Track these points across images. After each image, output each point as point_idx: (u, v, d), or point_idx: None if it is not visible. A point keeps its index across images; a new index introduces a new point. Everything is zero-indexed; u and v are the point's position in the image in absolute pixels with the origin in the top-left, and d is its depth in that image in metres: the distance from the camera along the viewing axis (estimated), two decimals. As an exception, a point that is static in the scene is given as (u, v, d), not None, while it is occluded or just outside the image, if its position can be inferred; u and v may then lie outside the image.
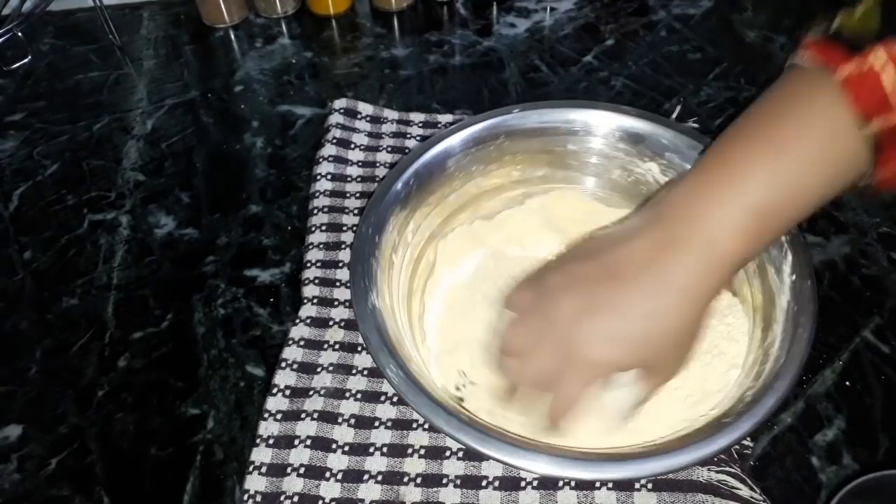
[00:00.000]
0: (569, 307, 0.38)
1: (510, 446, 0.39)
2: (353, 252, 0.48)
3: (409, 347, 0.46)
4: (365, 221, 0.49)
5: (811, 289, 0.45)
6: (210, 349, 0.52)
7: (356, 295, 0.46)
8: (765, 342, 0.46)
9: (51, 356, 0.53)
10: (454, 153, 0.54)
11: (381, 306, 0.46)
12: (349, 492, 0.44)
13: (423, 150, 0.53)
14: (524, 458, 0.39)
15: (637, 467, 0.39)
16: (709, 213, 0.36)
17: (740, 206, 0.36)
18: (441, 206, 0.55)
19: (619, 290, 0.38)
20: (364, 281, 0.46)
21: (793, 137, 0.35)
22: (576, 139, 0.56)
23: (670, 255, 0.37)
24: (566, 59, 0.74)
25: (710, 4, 0.80)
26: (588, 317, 0.38)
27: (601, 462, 0.39)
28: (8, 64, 0.75)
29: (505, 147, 0.55)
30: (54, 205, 0.63)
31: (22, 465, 0.47)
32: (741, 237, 0.36)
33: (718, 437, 0.39)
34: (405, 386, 0.41)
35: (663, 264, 0.37)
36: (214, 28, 0.79)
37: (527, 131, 0.55)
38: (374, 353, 0.43)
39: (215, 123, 0.69)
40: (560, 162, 0.57)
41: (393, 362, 0.42)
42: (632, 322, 0.38)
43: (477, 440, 0.39)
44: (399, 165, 0.53)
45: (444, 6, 0.80)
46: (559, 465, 0.39)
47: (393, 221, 0.51)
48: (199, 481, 0.46)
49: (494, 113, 0.55)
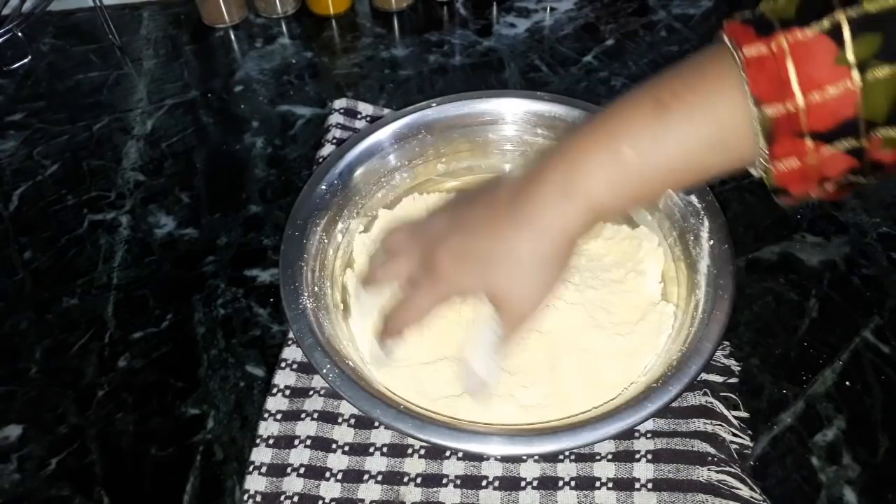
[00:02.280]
0: (442, 225, 0.43)
1: (448, 430, 0.41)
2: (282, 256, 0.49)
3: (344, 344, 0.48)
4: (290, 225, 0.50)
5: (728, 252, 0.48)
6: (210, 349, 0.52)
7: (287, 298, 0.47)
8: (689, 307, 0.48)
9: (51, 356, 0.53)
10: (377, 151, 0.56)
11: (314, 307, 0.47)
12: (349, 492, 0.44)
13: (345, 151, 0.54)
14: (471, 442, 0.41)
15: (570, 439, 0.41)
16: (583, 156, 0.37)
17: (612, 157, 0.36)
18: (369, 203, 0.56)
19: (482, 215, 0.41)
20: (293, 284, 0.47)
21: (683, 103, 0.35)
22: (494, 128, 0.57)
23: (534, 187, 0.38)
24: (566, 59, 0.74)
25: (710, 4, 0.79)
26: (450, 235, 0.42)
27: (534, 436, 0.41)
28: (8, 64, 0.75)
29: (427, 141, 0.57)
30: (54, 205, 0.63)
31: (22, 465, 0.47)
32: (606, 186, 0.37)
33: (648, 403, 0.41)
34: (340, 381, 0.43)
35: (525, 195, 0.39)
36: (214, 28, 0.79)
37: (446, 125, 0.57)
38: (307, 353, 0.44)
39: (215, 123, 0.69)
40: (482, 151, 0.59)
41: (328, 361, 0.44)
42: (481, 242, 0.40)
43: (415, 427, 0.41)
44: (321, 167, 0.54)
45: (444, 6, 0.80)
46: (483, 442, 0.41)
47: (319, 223, 0.52)
48: (199, 481, 0.46)
49: (414, 108, 0.57)
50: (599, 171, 0.36)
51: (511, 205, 0.39)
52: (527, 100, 0.56)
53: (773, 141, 0.32)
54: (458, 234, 0.41)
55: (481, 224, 0.41)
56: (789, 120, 0.31)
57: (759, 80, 0.32)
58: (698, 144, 0.35)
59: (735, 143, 0.34)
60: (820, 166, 0.32)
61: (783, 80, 0.31)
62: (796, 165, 0.33)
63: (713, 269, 0.47)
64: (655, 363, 0.47)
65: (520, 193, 0.39)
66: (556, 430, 0.42)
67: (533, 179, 0.39)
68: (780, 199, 0.35)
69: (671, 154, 0.35)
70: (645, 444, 0.45)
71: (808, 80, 0.30)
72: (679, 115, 0.35)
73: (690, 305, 0.48)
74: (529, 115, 0.56)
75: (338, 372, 0.43)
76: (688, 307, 0.48)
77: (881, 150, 0.31)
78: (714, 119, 0.34)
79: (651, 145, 0.35)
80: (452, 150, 0.57)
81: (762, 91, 0.32)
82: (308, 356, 0.44)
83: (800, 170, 0.33)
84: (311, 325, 0.46)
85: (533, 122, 0.56)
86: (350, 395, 0.42)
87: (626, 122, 0.36)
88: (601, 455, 0.45)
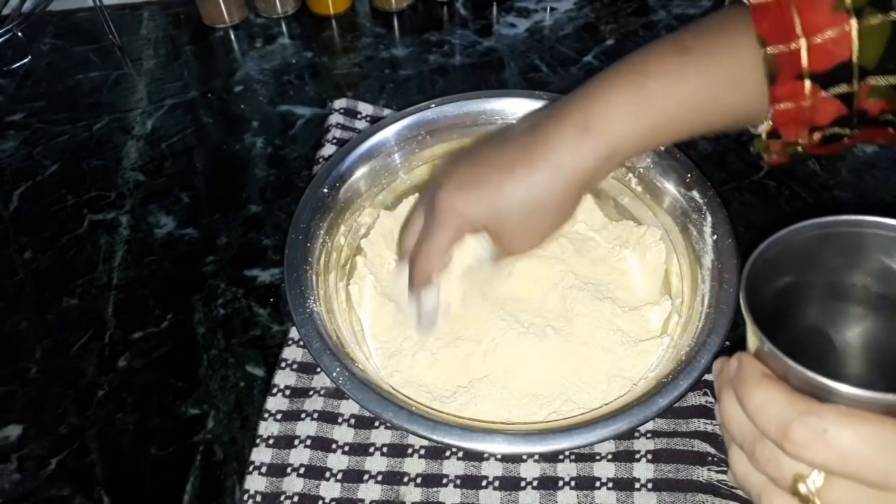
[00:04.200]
0: (454, 169, 0.42)
1: (460, 430, 0.41)
2: (286, 259, 0.49)
3: (351, 347, 0.47)
4: (294, 228, 0.50)
5: (732, 246, 0.47)
6: (210, 349, 0.52)
7: (293, 301, 0.47)
8: (694, 301, 0.48)
9: (51, 356, 0.53)
10: (377, 154, 0.55)
11: (320, 310, 0.47)
12: (349, 492, 0.44)
13: (345, 154, 0.54)
14: (479, 441, 0.40)
15: (585, 436, 0.40)
16: (604, 94, 0.38)
17: (635, 91, 0.37)
18: (371, 205, 0.56)
19: (493, 150, 0.41)
20: (299, 287, 0.47)
21: (704, 43, 0.37)
22: (494, 128, 0.57)
23: (552, 124, 0.38)
24: (566, 59, 0.74)
25: (710, 4, 0.79)
26: (458, 163, 0.41)
27: (554, 435, 0.41)
28: (8, 64, 0.75)
29: (427, 142, 0.57)
30: (54, 205, 0.63)
31: (22, 465, 0.47)
32: (627, 120, 0.37)
33: (659, 398, 0.41)
34: (350, 384, 0.43)
35: (542, 132, 0.39)
36: (214, 28, 0.79)
37: (446, 125, 0.57)
38: (316, 356, 0.44)
39: (215, 123, 0.69)
40: None
41: (338, 364, 0.43)
42: (491, 173, 0.39)
43: (426, 429, 0.41)
44: (323, 169, 0.53)
45: (444, 6, 0.80)
46: (514, 443, 0.40)
47: (322, 226, 0.52)
48: (199, 481, 0.46)
49: (414, 109, 0.57)
50: (621, 105, 0.37)
51: (526, 141, 0.39)
52: (527, 100, 0.56)
53: (775, 81, 0.35)
54: (466, 163, 0.41)
55: (493, 156, 0.40)
56: (791, 59, 0.34)
57: (764, 23, 0.34)
58: (719, 80, 0.37)
59: (750, 86, 0.36)
60: (812, 109, 0.35)
61: (787, 24, 0.34)
62: (792, 107, 0.35)
63: (717, 263, 0.47)
64: (663, 358, 0.47)
65: (535, 130, 0.39)
66: (574, 428, 0.41)
67: (551, 116, 0.39)
68: (769, 152, 0.38)
69: (694, 87, 0.37)
70: (645, 444, 0.45)
71: (809, 24, 0.33)
72: (701, 53, 0.37)
73: (696, 300, 0.48)
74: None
75: (347, 375, 0.43)
76: (693, 302, 0.48)
77: (869, 99, 0.34)
78: (733, 58, 0.36)
79: (674, 80, 0.37)
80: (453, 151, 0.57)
81: (767, 32, 0.34)
82: (317, 360, 0.44)
83: (795, 111, 0.35)
84: (319, 328, 0.45)
85: None
86: (361, 398, 0.42)
87: (648, 62, 0.38)
88: (601, 455, 0.45)
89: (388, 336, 0.51)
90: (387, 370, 0.49)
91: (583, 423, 0.41)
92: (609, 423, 0.40)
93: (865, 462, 0.23)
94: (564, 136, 0.38)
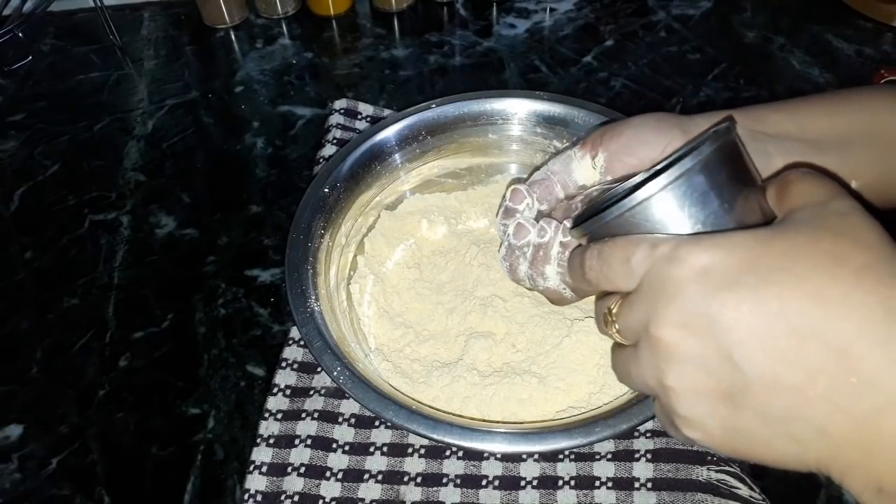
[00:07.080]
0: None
1: (461, 430, 0.41)
2: (287, 259, 0.49)
3: (352, 346, 0.47)
4: (295, 228, 0.50)
5: None
6: (210, 349, 0.52)
7: (294, 301, 0.46)
8: None
9: (52, 356, 0.53)
10: (377, 154, 0.55)
11: (322, 309, 0.47)
12: (349, 491, 0.44)
13: (346, 154, 0.54)
14: (479, 441, 0.40)
15: (585, 436, 0.40)
16: None
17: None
18: (372, 205, 0.56)
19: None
20: (300, 287, 0.47)
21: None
22: (494, 128, 0.57)
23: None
24: (566, 59, 0.74)
25: (710, 5, 0.80)
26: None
27: (554, 434, 0.41)
28: (9, 64, 0.75)
29: (428, 143, 0.57)
30: (55, 205, 0.63)
31: (23, 465, 0.47)
32: None
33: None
34: (351, 383, 0.43)
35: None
36: (215, 28, 0.79)
37: (447, 125, 0.57)
38: (317, 356, 0.44)
39: (216, 124, 0.69)
40: (482, 152, 0.58)
41: (339, 363, 0.43)
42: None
43: (427, 428, 0.41)
44: (323, 169, 0.54)
45: (444, 6, 0.81)
46: (515, 442, 0.40)
47: (323, 225, 0.52)
48: (200, 481, 0.46)
49: (414, 110, 0.57)
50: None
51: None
52: (527, 100, 0.56)
53: None
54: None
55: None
56: None
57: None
58: None
59: None
60: None
61: None
62: None
63: None
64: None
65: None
66: (574, 427, 0.41)
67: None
68: None
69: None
70: (644, 443, 0.45)
71: None
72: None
73: None
74: (529, 116, 0.56)
75: (348, 374, 0.43)
76: None
77: None
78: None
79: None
80: (453, 151, 0.58)
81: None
82: (318, 359, 0.44)
83: None
84: (320, 328, 0.45)
85: (533, 122, 0.56)
86: (361, 398, 0.42)
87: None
88: (601, 454, 0.45)
89: (389, 336, 0.51)
90: (386, 370, 0.49)
91: (583, 423, 0.41)
92: (609, 423, 0.40)
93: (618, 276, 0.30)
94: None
